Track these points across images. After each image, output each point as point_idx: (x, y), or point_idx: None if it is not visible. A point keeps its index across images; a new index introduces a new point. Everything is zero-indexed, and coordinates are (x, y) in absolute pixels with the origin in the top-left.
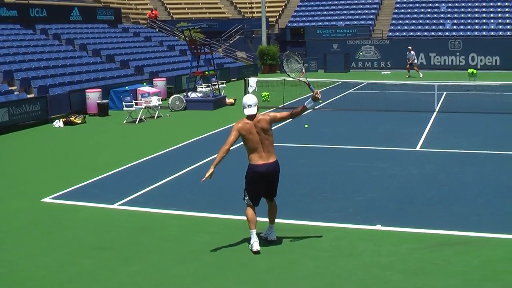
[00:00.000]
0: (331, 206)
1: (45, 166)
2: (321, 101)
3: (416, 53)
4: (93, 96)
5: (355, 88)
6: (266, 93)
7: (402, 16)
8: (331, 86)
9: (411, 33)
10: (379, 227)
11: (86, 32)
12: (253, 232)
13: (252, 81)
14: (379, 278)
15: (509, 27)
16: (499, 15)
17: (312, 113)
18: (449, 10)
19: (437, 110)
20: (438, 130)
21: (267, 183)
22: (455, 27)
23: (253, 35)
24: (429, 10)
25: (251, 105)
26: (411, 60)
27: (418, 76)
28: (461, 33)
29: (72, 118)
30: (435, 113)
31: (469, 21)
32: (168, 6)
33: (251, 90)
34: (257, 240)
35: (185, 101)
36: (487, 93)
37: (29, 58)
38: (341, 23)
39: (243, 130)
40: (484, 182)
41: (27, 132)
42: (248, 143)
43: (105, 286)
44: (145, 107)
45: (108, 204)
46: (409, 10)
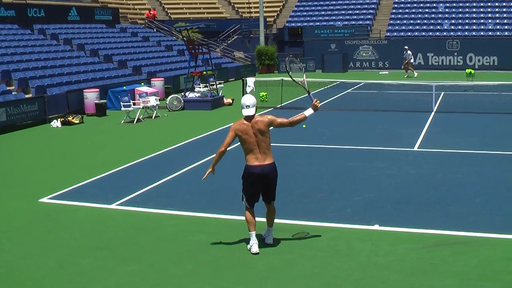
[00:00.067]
0: (329, 206)
1: (43, 166)
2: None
3: (414, 53)
4: (91, 96)
5: (353, 88)
6: (264, 93)
7: (400, 16)
8: (329, 86)
9: (409, 33)
10: (376, 227)
11: (84, 32)
12: (252, 234)
13: (250, 81)
14: (376, 278)
15: (507, 27)
16: (497, 15)
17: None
18: (447, 10)
19: (435, 110)
20: (436, 130)
21: (263, 185)
22: (453, 27)
23: (251, 35)
24: (427, 10)
25: (249, 106)
26: (407, 60)
27: (413, 75)
28: (459, 33)
29: (70, 118)
30: (433, 113)
31: (467, 21)
32: (166, 6)
33: (249, 90)
34: (257, 242)
35: (183, 101)
36: (485, 93)
37: (27, 58)
38: (339, 23)
39: (239, 131)
40: (482, 182)
41: (25, 132)
42: (244, 144)
43: (103, 286)
44: (143, 107)
45: (106, 204)
46: (407, 10)
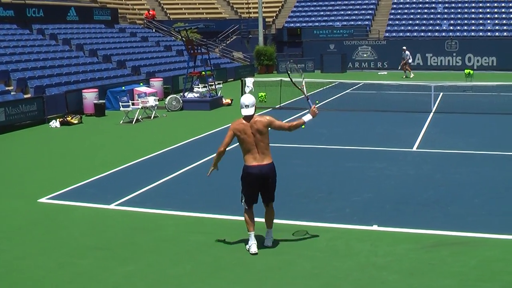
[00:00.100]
0: (328, 207)
1: (41, 166)
2: (317, 101)
3: (412, 54)
4: (90, 96)
5: (352, 89)
6: (263, 94)
7: (398, 16)
8: (328, 87)
9: (408, 34)
10: (375, 227)
11: (83, 32)
12: (251, 234)
13: (249, 81)
14: (375, 278)
15: (505, 27)
16: (496, 15)
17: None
18: (445, 10)
19: (433, 111)
20: (434, 130)
21: (261, 185)
22: (451, 27)
23: (250, 36)
24: (425, 10)
25: (248, 106)
26: (405, 60)
27: (409, 76)
28: (458, 33)
29: (69, 118)
30: (431, 114)
31: (465, 21)
32: (165, 6)
33: (247, 90)
34: (255, 243)
35: (181, 101)
36: (484, 93)
37: (25, 58)
38: (338, 23)
39: (237, 130)
40: (481, 183)
41: (24, 132)
42: (242, 144)
43: (102, 286)
44: (141, 107)
45: (105, 205)
46: (405, 11)
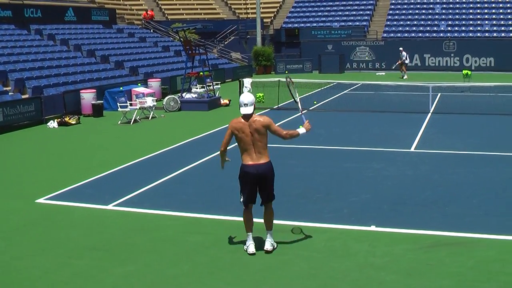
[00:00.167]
0: (325, 207)
1: (39, 166)
2: (315, 102)
3: (410, 54)
4: (88, 97)
5: (349, 89)
6: (261, 94)
7: (396, 17)
8: (325, 87)
9: (406, 34)
10: (373, 228)
11: (80, 33)
12: (249, 235)
13: (247, 82)
14: (373, 278)
15: (503, 28)
16: (494, 16)
17: (307, 114)
18: (443, 11)
19: (431, 111)
20: (432, 131)
21: (258, 184)
22: (449, 28)
23: (248, 36)
24: (423, 11)
25: (247, 104)
26: (401, 60)
27: (402, 76)
28: (456, 34)
29: (67, 119)
30: (429, 114)
31: (463, 22)
32: (162, 7)
33: (245, 91)
34: (253, 243)
35: (179, 101)
36: (482, 94)
37: (23, 59)
38: (336, 24)
39: (235, 129)
40: (479, 183)
41: (22, 132)
42: (240, 143)
43: (99, 287)
44: (139, 108)
45: (103, 205)
46: (403, 11)
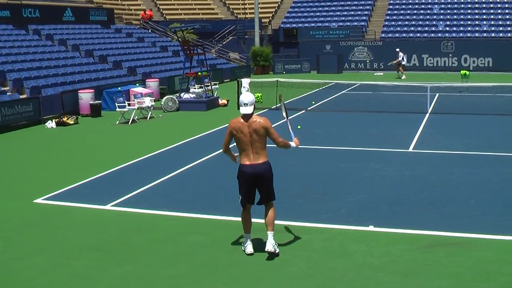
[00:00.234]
0: (323, 207)
1: (37, 167)
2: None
3: (408, 55)
4: (86, 97)
5: (348, 89)
6: (259, 94)
7: (395, 17)
8: (324, 87)
9: (404, 35)
10: (371, 228)
11: (79, 33)
12: (247, 236)
13: (245, 82)
14: (371, 279)
15: (501, 28)
16: (492, 16)
17: (305, 114)
18: (441, 11)
19: (429, 112)
20: (430, 131)
21: (256, 184)
22: (447, 28)
23: (246, 36)
24: (421, 11)
25: (247, 104)
26: (397, 61)
27: (400, 76)
28: (454, 34)
29: (65, 119)
30: (427, 115)
31: (461, 22)
32: (161, 7)
33: (244, 91)
34: (251, 243)
35: (178, 102)
36: (480, 94)
37: (21, 59)
38: (334, 24)
39: (234, 128)
40: (476, 183)
41: (20, 132)
42: (238, 143)
43: (97, 287)
44: (137, 108)
45: (101, 205)
46: (402, 12)
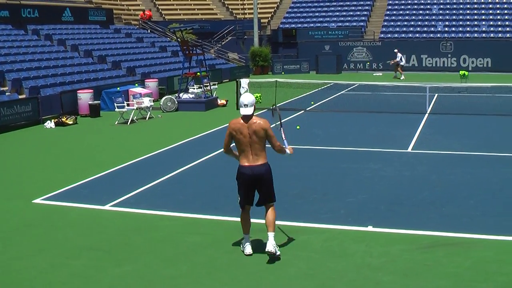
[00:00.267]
0: (323, 207)
1: (36, 167)
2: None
3: (407, 55)
4: (85, 97)
5: (347, 90)
6: (258, 94)
7: (394, 18)
8: (323, 88)
9: (403, 35)
10: (370, 228)
11: (78, 33)
12: (246, 236)
13: (244, 82)
14: (370, 279)
15: (500, 29)
16: (491, 17)
17: (304, 114)
18: (440, 12)
19: (428, 112)
20: (429, 131)
21: (255, 186)
22: (446, 29)
23: (245, 36)
24: (420, 12)
25: (247, 105)
26: (396, 60)
27: (399, 76)
28: (453, 35)
29: (64, 119)
30: (426, 115)
31: (460, 23)
32: (160, 7)
33: (243, 91)
34: (250, 244)
35: (177, 102)
36: (479, 95)
37: (20, 59)
38: (333, 24)
39: (233, 129)
40: (476, 184)
41: (19, 133)
42: (237, 144)
43: (96, 287)
44: (136, 108)
45: (100, 205)
46: (401, 12)
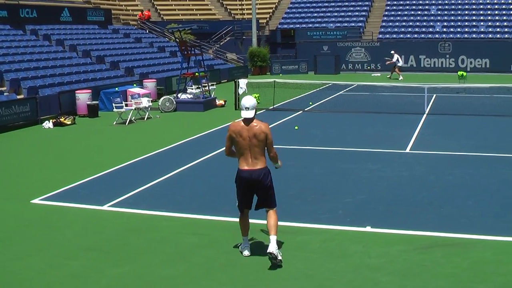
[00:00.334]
0: (321, 208)
1: (34, 167)
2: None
3: (405, 56)
4: (83, 97)
5: (345, 90)
6: (256, 95)
7: (392, 18)
8: (321, 88)
9: (401, 35)
10: (368, 228)
11: (76, 33)
12: (245, 238)
13: (242, 82)
14: (368, 279)
15: (498, 29)
16: (489, 17)
17: (302, 115)
18: (439, 12)
19: (427, 112)
20: (428, 132)
21: (253, 189)
22: (445, 29)
23: (244, 37)
24: (419, 12)
25: (248, 108)
26: (392, 61)
27: (396, 77)
28: (451, 35)
29: (62, 119)
30: (425, 115)
31: (459, 23)
32: (158, 8)
33: (241, 92)
34: (248, 246)
35: (175, 102)
36: (477, 95)
37: (19, 59)
38: (332, 25)
39: (233, 132)
40: (474, 184)
41: (17, 133)
42: (236, 147)
43: (95, 287)
44: (135, 108)
45: (98, 206)
46: (399, 13)
